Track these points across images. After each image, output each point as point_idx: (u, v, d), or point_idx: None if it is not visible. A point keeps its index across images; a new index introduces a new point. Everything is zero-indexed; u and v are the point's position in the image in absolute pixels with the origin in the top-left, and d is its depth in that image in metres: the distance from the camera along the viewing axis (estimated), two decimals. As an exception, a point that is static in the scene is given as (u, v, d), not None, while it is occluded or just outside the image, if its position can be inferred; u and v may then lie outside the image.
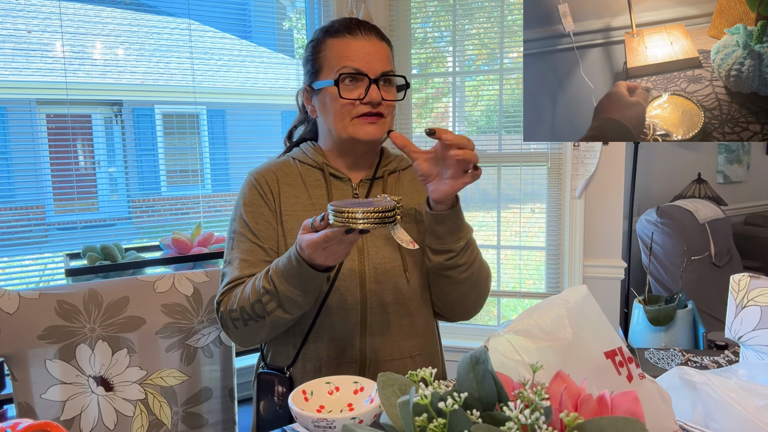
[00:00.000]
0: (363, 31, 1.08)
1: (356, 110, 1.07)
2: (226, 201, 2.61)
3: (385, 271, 1.10)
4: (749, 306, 1.18)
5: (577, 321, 0.69)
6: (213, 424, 1.24)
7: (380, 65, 1.07)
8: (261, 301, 0.99)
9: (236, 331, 1.05)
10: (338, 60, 1.06)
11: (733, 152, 3.75)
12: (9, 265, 2.17)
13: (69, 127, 2.16)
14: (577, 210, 2.46)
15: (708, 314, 2.58)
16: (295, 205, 1.12)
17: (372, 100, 1.05)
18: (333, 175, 1.15)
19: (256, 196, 1.13)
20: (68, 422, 1.10)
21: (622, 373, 0.67)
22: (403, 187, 1.19)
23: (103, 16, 2.21)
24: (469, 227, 1.09)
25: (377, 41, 1.09)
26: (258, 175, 1.16)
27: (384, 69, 1.08)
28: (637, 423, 0.49)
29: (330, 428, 0.77)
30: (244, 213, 1.12)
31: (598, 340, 0.68)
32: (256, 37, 2.65)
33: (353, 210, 0.83)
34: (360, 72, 1.05)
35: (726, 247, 2.98)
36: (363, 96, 1.06)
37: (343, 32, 1.08)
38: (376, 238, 1.12)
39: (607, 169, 2.41)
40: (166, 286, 1.19)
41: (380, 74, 1.07)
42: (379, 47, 1.09)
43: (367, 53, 1.07)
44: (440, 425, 0.50)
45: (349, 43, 1.07)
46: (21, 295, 1.07)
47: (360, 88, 1.06)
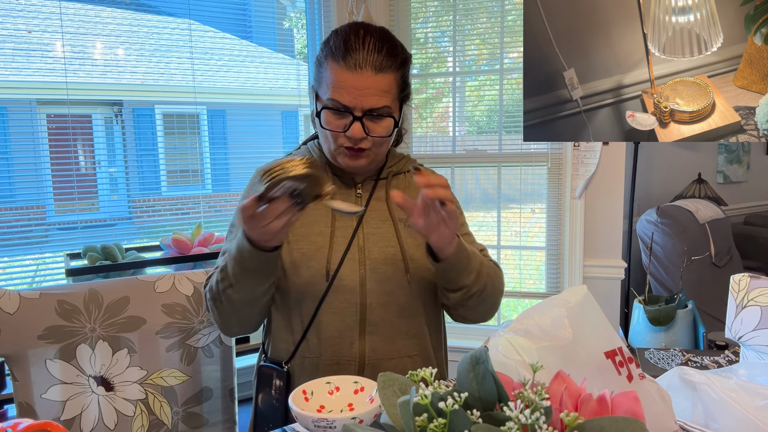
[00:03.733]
0: (359, 65, 1.02)
1: (340, 140, 1.06)
2: (226, 201, 2.61)
3: (386, 272, 1.10)
4: (749, 306, 1.18)
5: (577, 321, 0.70)
6: (213, 424, 1.24)
7: (369, 102, 1.03)
8: (218, 281, 1.03)
9: (211, 314, 1.08)
10: (329, 87, 1.04)
11: (733, 152, 3.75)
12: (9, 265, 2.17)
13: (69, 127, 2.16)
14: (578, 210, 2.46)
15: (708, 314, 2.58)
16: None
17: (352, 135, 1.04)
18: (336, 174, 1.15)
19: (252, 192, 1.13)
20: (68, 422, 1.10)
21: (622, 373, 0.67)
22: (411, 190, 1.19)
23: (104, 16, 2.21)
24: (472, 252, 1.06)
25: (371, 75, 1.02)
26: (260, 169, 1.16)
27: (372, 105, 1.03)
28: (637, 423, 0.49)
29: (330, 428, 0.77)
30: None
31: (599, 340, 0.69)
32: (257, 37, 2.65)
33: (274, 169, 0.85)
34: (345, 107, 1.03)
35: (726, 247, 2.98)
36: (346, 129, 1.04)
37: (340, 60, 1.03)
38: (378, 238, 1.12)
39: (607, 169, 2.41)
40: (167, 286, 1.19)
41: (366, 111, 1.04)
42: (373, 82, 1.03)
43: (356, 89, 1.02)
44: (440, 425, 0.50)
45: (342, 74, 1.03)
46: (21, 295, 1.07)
47: (346, 119, 1.04)
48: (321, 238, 1.10)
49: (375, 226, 1.14)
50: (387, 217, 1.15)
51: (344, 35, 1.06)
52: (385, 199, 1.17)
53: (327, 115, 1.05)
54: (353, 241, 1.11)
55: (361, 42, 1.04)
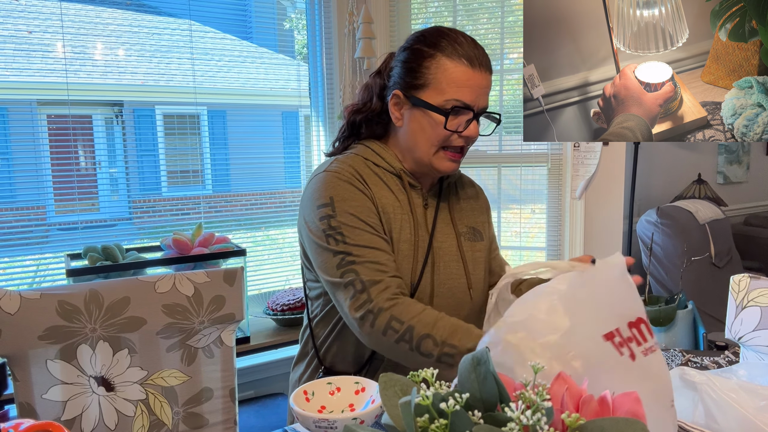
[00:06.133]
0: (482, 65, 1.03)
1: (449, 141, 1.05)
2: (226, 201, 2.61)
3: (451, 288, 1.11)
4: (749, 306, 1.18)
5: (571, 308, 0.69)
6: (214, 425, 1.24)
7: (484, 100, 1.06)
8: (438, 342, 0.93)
9: (382, 337, 0.97)
10: (450, 87, 1.02)
11: (733, 153, 3.75)
12: (10, 266, 2.17)
13: (70, 127, 2.16)
14: (578, 210, 2.46)
15: (708, 315, 2.58)
16: (387, 206, 1.08)
17: (471, 135, 1.05)
18: (410, 183, 1.13)
19: (351, 190, 1.05)
20: (69, 422, 1.10)
21: (624, 353, 0.66)
22: (462, 201, 1.21)
23: (104, 17, 2.21)
24: None
25: (488, 75, 1.06)
26: (340, 171, 1.07)
27: (485, 104, 1.06)
28: (639, 424, 0.49)
29: (331, 428, 0.77)
30: (345, 211, 1.03)
31: (595, 323, 0.67)
32: (257, 38, 2.65)
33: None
34: (468, 106, 1.03)
35: (726, 248, 2.98)
36: (462, 129, 1.04)
37: (463, 59, 1.02)
38: (444, 252, 1.12)
39: (607, 170, 2.41)
40: (167, 286, 1.19)
41: (481, 110, 1.05)
42: (488, 80, 1.06)
43: (479, 87, 1.03)
44: (442, 426, 0.50)
45: (467, 73, 1.02)
46: (22, 296, 1.07)
47: (460, 119, 1.04)
48: (407, 246, 1.08)
49: (441, 239, 1.13)
50: (451, 230, 1.16)
51: (452, 35, 1.04)
52: (448, 209, 1.17)
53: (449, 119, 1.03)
54: (428, 254, 1.10)
55: (471, 41, 1.05)
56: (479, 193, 1.30)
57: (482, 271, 1.17)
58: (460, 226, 1.17)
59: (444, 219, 1.15)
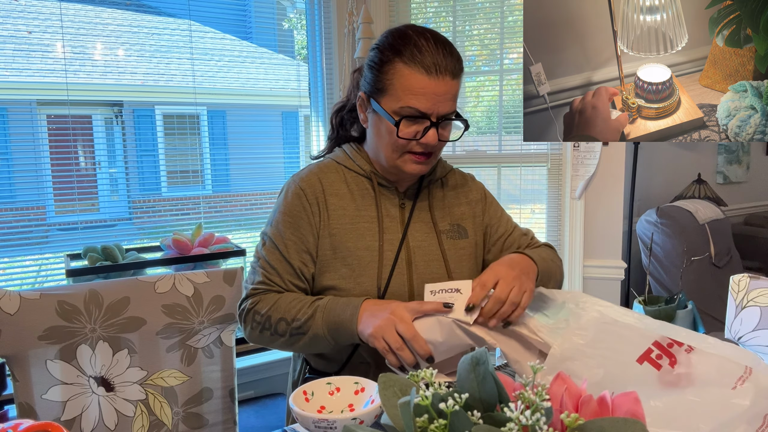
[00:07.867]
0: (443, 71, 0.99)
1: (409, 147, 1.04)
2: (226, 201, 2.61)
3: None
4: (749, 306, 1.19)
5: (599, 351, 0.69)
6: (213, 425, 1.24)
7: (445, 107, 1.01)
8: (288, 321, 1.03)
9: (252, 331, 1.09)
10: (405, 94, 0.99)
11: (733, 153, 3.75)
12: (10, 266, 2.17)
13: (70, 127, 2.16)
14: (577, 210, 2.46)
15: (708, 314, 2.58)
16: (343, 217, 1.10)
17: (428, 142, 1.02)
18: (381, 184, 1.13)
19: (298, 208, 1.10)
20: (69, 422, 1.10)
21: (663, 364, 0.65)
22: (447, 198, 1.19)
23: (104, 17, 2.21)
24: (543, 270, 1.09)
25: (450, 80, 1.00)
26: (304, 183, 1.11)
27: (447, 111, 1.02)
28: (638, 424, 0.49)
29: (331, 429, 0.77)
30: (282, 222, 1.10)
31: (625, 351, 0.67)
32: (257, 38, 2.65)
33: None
34: (423, 114, 1.00)
35: (726, 248, 2.98)
36: (420, 136, 1.02)
37: (420, 66, 0.98)
38: (424, 252, 1.12)
39: (607, 170, 2.41)
40: (167, 286, 1.19)
41: (442, 117, 1.02)
42: (449, 87, 1.00)
43: (436, 94, 0.99)
44: (441, 426, 0.50)
45: (421, 81, 0.98)
46: (22, 296, 1.07)
47: (418, 125, 1.02)
48: (369, 253, 1.08)
49: (420, 239, 1.13)
50: (431, 228, 1.15)
51: (414, 39, 1.01)
52: (428, 208, 1.16)
53: (401, 126, 1.01)
54: (400, 254, 1.10)
55: (434, 46, 1.00)
56: (469, 181, 1.25)
57: (468, 269, 1.15)
58: (442, 225, 1.15)
59: (422, 218, 1.14)
